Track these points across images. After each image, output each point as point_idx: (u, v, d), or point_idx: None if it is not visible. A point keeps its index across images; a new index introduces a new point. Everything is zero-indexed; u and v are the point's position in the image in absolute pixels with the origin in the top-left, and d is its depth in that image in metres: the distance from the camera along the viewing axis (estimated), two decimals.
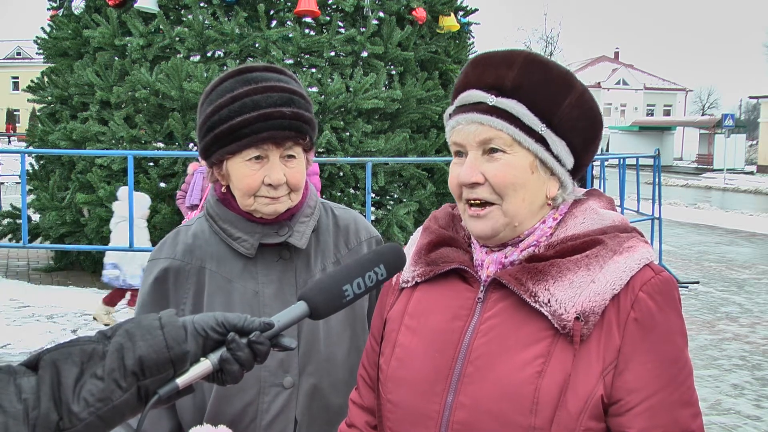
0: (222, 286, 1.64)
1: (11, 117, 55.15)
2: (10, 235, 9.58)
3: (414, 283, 1.34)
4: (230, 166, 1.59)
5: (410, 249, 1.40)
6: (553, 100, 1.22)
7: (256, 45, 8.85)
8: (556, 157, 1.23)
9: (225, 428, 1.50)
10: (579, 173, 1.29)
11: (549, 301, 1.16)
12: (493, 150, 1.22)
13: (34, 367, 1.03)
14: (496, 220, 1.23)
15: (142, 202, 7.45)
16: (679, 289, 1.24)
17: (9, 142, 35.88)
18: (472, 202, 1.24)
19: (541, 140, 1.21)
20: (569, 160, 1.25)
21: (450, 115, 1.29)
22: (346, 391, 1.64)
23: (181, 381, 1.06)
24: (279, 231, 1.64)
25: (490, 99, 1.21)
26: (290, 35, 8.90)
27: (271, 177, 1.56)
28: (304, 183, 1.63)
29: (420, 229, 1.42)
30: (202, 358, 1.09)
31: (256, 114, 1.51)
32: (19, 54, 62.73)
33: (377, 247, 1.37)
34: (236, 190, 1.61)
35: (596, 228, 1.24)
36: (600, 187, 10.58)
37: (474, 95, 1.23)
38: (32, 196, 9.39)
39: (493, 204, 1.23)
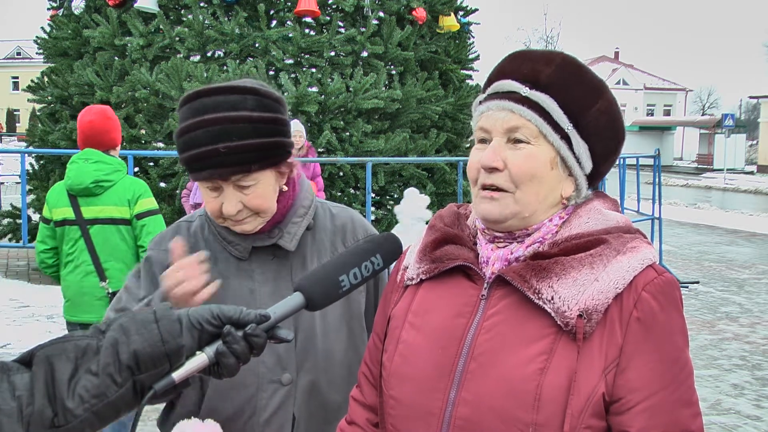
0: None
1: (11, 117, 55.17)
2: (10, 235, 9.57)
3: (419, 280, 1.35)
4: (199, 186, 1.61)
5: (415, 247, 1.41)
6: (583, 102, 1.24)
7: (256, 45, 8.85)
8: (577, 159, 1.25)
9: (212, 422, 1.50)
10: (595, 182, 1.31)
11: (552, 299, 1.17)
12: (518, 140, 1.23)
13: (28, 363, 1.02)
14: (506, 206, 1.24)
15: (419, 202, 7.29)
16: (680, 289, 1.25)
17: None
18: (488, 186, 1.25)
19: (566, 138, 1.23)
20: (588, 165, 1.27)
21: (480, 102, 1.30)
22: (343, 388, 1.64)
23: (177, 375, 1.05)
24: (270, 233, 1.65)
25: (524, 90, 1.23)
26: (290, 35, 8.91)
27: (224, 209, 1.56)
28: (269, 203, 1.60)
29: (425, 226, 1.43)
30: (197, 352, 1.08)
31: (195, 152, 1.51)
32: (19, 54, 62.74)
33: (373, 236, 1.36)
34: None
35: (600, 228, 1.25)
36: (600, 187, 10.56)
37: (509, 84, 1.25)
38: (32, 196, 9.39)
39: (506, 191, 1.24)
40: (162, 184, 8.76)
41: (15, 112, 57.42)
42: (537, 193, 1.24)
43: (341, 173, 8.98)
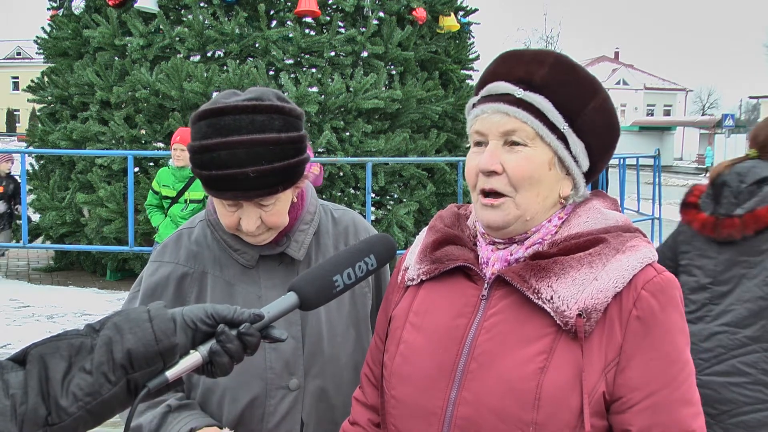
0: (224, 291, 1.64)
1: (11, 117, 55.15)
2: None
3: (419, 280, 1.35)
4: (213, 199, 1.60)
5: (416, 248, 1.41)
6: (578, 101, 1.24)
7: (256, 45, 8.85)
8: (574, 158, 1.25)
9: (229, 431, 1.51)
10: (591, 178, 1.31)
11: (552, 298, 1.17)
12: (515, 142, 1.23)
13: (22, 361, 1.02)
14: (508, 212, 1.24)
15: None
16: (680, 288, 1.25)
17: None
18: (487, 191, 1.25)
19: (562, 138, 1.23)
20: (585, 163, 1.27)
21: (474, 104, 1.30)
22: (351, 392, 1.64)
23: (170, 374, 1.06)
24: (278, 241, 1.64)
25: (519, 92, 1.23)
26: (290, 35, 8.90)
27: (243, 225, 1.54)
28: (284, 217, 1.59)
29: (426, 228, 1.43)
30: (191, 351, 1.08)
31: (220, 173, 1.46)
32: (19, 54, 62.75)
33: (367, 237, 1.37)
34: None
35: (600, 227, 1.25)
36: (601, 188, 10.56)
37: (502, 87, 1.25)
38: (32, 196, 9.38)
39: (506, 196, 1.24)
40: None
41: (15, 112, 57.44)
42: (537, 195, 1.24)
43: (341, 173, 8.98)
